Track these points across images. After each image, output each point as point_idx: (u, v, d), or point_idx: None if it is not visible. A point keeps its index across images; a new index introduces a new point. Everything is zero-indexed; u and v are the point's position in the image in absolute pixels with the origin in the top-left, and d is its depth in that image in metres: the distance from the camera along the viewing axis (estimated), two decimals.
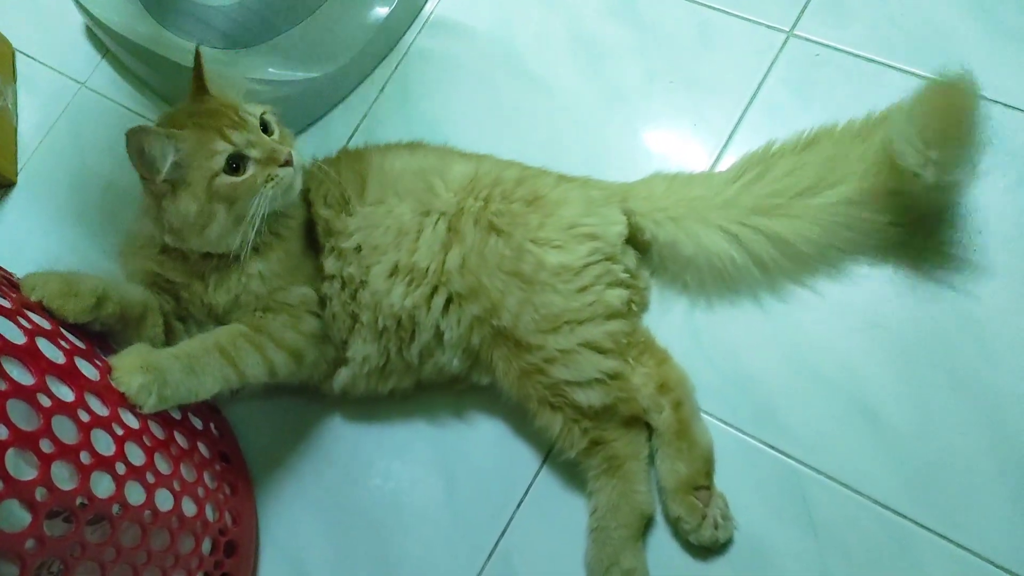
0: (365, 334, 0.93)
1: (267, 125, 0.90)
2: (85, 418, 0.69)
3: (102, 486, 0.69)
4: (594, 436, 0.86)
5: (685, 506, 0.84)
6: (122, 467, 0.71)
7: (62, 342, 0.74)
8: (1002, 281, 0.88)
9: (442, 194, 0.93)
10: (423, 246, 0.90)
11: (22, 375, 0.66)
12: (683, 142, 1.05)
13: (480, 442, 0.97)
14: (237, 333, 0.86)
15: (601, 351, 0.86)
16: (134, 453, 0.74)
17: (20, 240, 1.25)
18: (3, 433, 0.61)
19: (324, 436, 1.02)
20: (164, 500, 0.77)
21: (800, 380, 0.89)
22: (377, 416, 1.01)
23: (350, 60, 1.18)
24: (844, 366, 0.89)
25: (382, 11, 1.20)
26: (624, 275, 0.90)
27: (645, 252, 0.95)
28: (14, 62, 1.41)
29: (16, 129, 1.35)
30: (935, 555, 0.80)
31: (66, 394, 0.69)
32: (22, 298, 0.76)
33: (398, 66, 1.22)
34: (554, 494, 0.92)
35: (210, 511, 0.87)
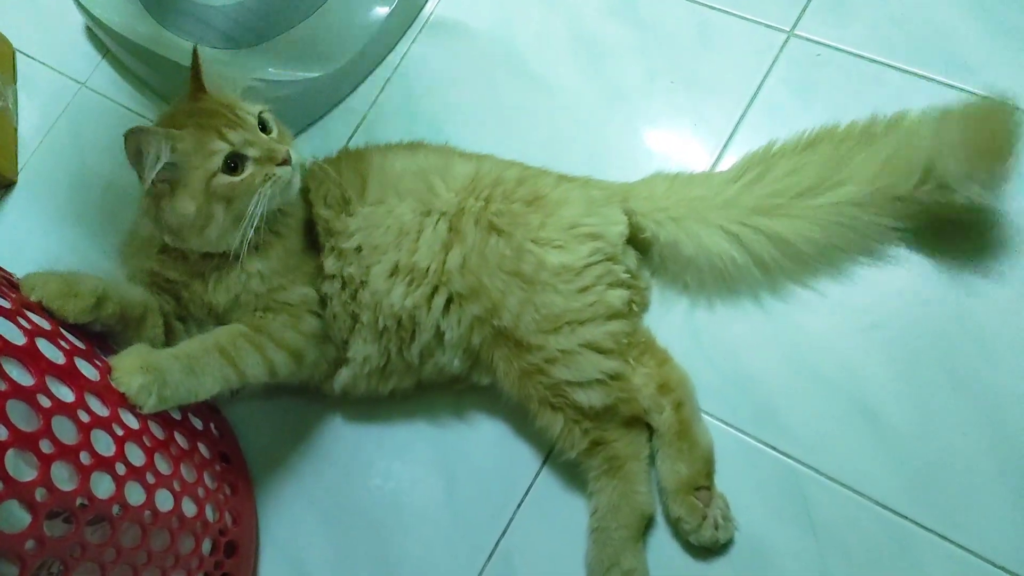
0: (365, 334, 0.93)
1: (265, 124, 0.89)
2: (85, 418, 0.69)
3: (102, 487, 0.69)
4: (595, 437, 0.86)
5: (686, 507, 0.84)
6: (122, 467, 0.71)
7: (62, 342, 0.74)
8: (1002, 281, 0.88)
9: (443, 194, 0.92)
10: (424, 246, 0.90)
11: (22, 376, 0.66)
12: (684, 142, 1.05)
13: (480, 442, 0.96)
14: (237, 333, 0.85)
15: (602, 351, 0.85)
16: (134, 453, 0.74)
17: (20, 240, 1.25)
18: (3, 434, 0.60)
19: (324, 436, 1.02)
20: (164, 500, 0.77)
21: (800, 380, 0.89)
22: (377, 416, 1.01)
23: (350, 60, 1.18)
24: (844, 366, 0.89)
25: (382, 11, 1.20)
26: (625, 275, 0.90)
27: (646, 252, 0.95)
28: (14, 62, 1.41)
29: (16, 129, 1.35)
30: (935, 555, 0.80)
31: (66, 394, 0.69)
32: (22, 298, 0.76)
33: (398, 66, 1.22)
34: (554, 494, 0.92)
35: (210, 511, 0.87)
